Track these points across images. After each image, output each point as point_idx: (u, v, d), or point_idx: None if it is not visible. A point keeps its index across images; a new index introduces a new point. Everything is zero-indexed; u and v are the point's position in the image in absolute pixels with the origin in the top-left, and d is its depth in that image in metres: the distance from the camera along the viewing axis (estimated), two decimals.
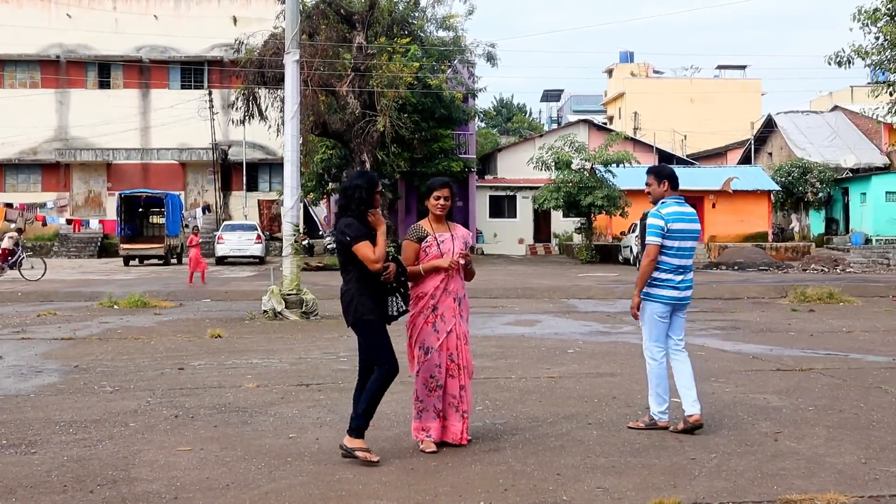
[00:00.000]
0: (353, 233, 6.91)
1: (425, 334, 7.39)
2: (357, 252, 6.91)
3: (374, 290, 7.02)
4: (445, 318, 7.39)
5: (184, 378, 10.81)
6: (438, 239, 7.39)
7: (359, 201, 7.00)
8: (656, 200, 8.23)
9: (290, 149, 19.17)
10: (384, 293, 7.05)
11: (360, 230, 6.93)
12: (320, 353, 13.10)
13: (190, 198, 56.07)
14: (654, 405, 8.10)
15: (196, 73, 56.33)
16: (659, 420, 8.05)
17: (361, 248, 6.90)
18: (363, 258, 6.90)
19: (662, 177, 8.25)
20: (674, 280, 8.01)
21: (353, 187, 7.05)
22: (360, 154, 39.87)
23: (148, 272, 35.97)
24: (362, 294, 7.00)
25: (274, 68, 36.64)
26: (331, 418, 8.47)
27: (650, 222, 8.06)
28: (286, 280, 18.99)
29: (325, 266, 37.44)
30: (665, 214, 8.03)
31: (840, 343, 14.29)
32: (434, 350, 7.36)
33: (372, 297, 7.01)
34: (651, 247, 7.96)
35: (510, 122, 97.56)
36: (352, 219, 6.98)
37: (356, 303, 7.01)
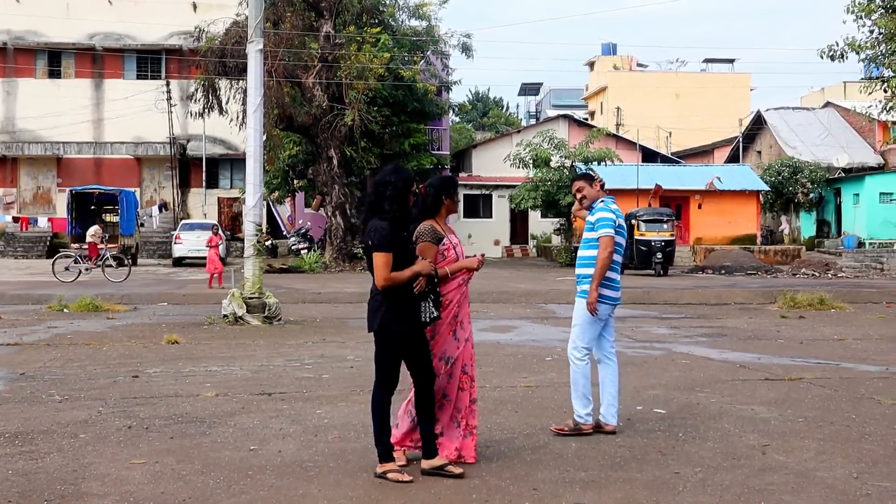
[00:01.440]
0: (378, 240, 6.72)
1: (447, 343, 7.24)
2: (374, 259, 6.73)
3: (404, 296, 6.81)
4: (464, 326, 7.30)
5: (138, 386, 10.75)
6: (451, 241, 7.29)
7: (391, 200, 6.80)
8: (592, 203, 8.45)
9: (252, 143, 19.10)
10: (416, 299, 6.85)
11: (387, 238, 6.72)
12: (284, 360, 13.07)
13: (146, 195, 55.79)
14: (580, 407, 8.27)
15: (153, 62, 56.04)
16: (584, 423, 8.24)
17: (379, 259, 6.70)
18: (376, 268, 6.72)
19: (592, 179, 8.57)
20: (616, 280, 8.36)
21: (384, 184, 6.85)
22: (327, 149, 39.82)
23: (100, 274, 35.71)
24: (392, 301, 6.79)
25: (236, 58, 36.54)
26: (294, 429, 8.44)
27: (601, 216, 8.26)
28: (248, 283, 18.93)
29: (290, 268, 37.36)
30: (614, 210, 8.33)
31: (831, 351, 14.38)
32: (453, 360, 7.23)
33: (401, 305, 6.80)
34: (609, 238, 8.17)
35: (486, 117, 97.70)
36: (384, 224, 6.78)
37: (384, 309, 6.80)
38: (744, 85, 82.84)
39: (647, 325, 18.77)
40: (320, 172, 40.47)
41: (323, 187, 41.04)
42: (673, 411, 9.33)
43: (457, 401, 7.27)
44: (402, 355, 6.91)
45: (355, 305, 23.21)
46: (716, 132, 71.59)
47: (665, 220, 38.01)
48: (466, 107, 67.77)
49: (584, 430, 8.22)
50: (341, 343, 15.23)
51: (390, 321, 6.78)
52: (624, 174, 49.61)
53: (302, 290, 26.57)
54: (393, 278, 6.72)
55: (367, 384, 10.82)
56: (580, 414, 8.25)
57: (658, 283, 31.83)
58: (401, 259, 6.78)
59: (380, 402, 6.90)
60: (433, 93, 47.02)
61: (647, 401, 9.89)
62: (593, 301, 8.14)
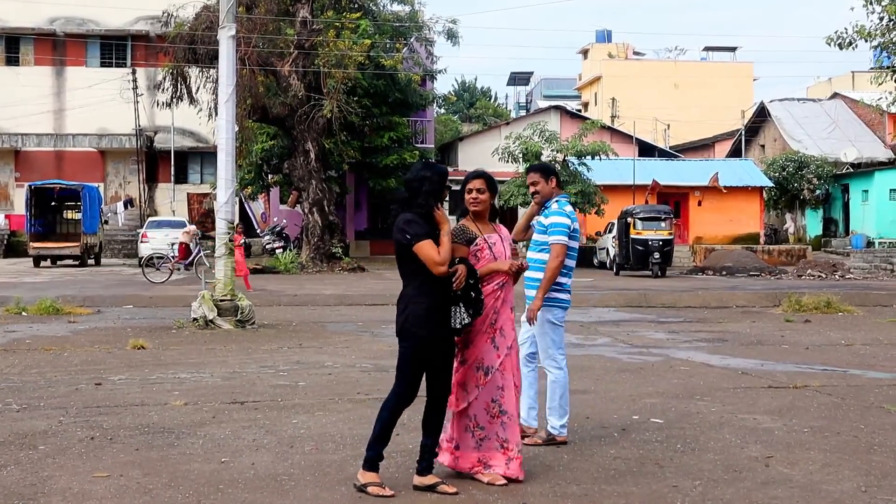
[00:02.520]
0: (414, 230, 6.69)
1: (484, 352, 7.15)
2: (419, 252, 6.67)
3: (435, 298, 6.76)
4: (505, 332, 7.21)
5: (101, 394, 10.72)
6: (489, 241, 7.25)
7: (427, 195, 6.80)
8: (545, 200, 8.46)
9: (224, 136, 19.06)
10: (447, 302, 6.80)
11: (423, 227, 6.70)
12: (257, 366, 13.05)
13: (110, 190, 55.66)
14: (554, 419, 8.33)
15: (118, 48, 55.90)
16: (559, 435, 8.30)
17: (424, 248, 6.66)
18: (426, 259, 6.65)
19: (549, 173, 8.53)
20: (569, 284, 8.48)
21: (420, 179, 6.84)
22: (303, 142, 39.77)
23: (61, 274, 35.64)
24: (419, 302, 6.75)
25: (207, 44, 36.43)
26: (269, 440, 8.43)
27: (556, 221, 8.29)
28: (219, 284, 18.89)
29: (264, 268, 37.31)
30: (569, 213, 8.37)
31: (839, 357, 14.42)
32: (495, 369, 7.15)
33: (429, 308, 6.75)
34: (561, 246, 8.25)
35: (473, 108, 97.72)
36: (411, 214, 6.78)
37: (409, 310, 6.77)
38: (746, 75, 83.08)
39: (643, 330, 18.80)
40: (296, 167, 40.41)
41: (299, 182, 40.96)
42: (671, 421, 9.34)
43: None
44: (427, 362, 6.85)
45: (333, 308, 23.20)
46: (717, 125, 71.78)
47: (663, 217, 38.09)
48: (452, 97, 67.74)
49: (558, 441, 8.30)
50: (319, 348, 15.21)
51: (415, 324, 6.74)
52: (619, 169, 49.70)
53: (277, 292, 26.54)
54: (447, 256, 6.69)
55: (345, 392, 10.84)
56: (554, 425, 8.33)
57: (655, 284, 31.89)
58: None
59: (391, 410, 6.86)
60: (417, 82, 46.99)
61: (643, 410, 9.90)
62: (536, 308, 8.20)
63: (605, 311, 22.62)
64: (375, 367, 12.95)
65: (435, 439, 6.99)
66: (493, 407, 7.16)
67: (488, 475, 7.04)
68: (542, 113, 62.15)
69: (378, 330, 18.11)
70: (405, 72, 44.55)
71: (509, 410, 7.16)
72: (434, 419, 6.96)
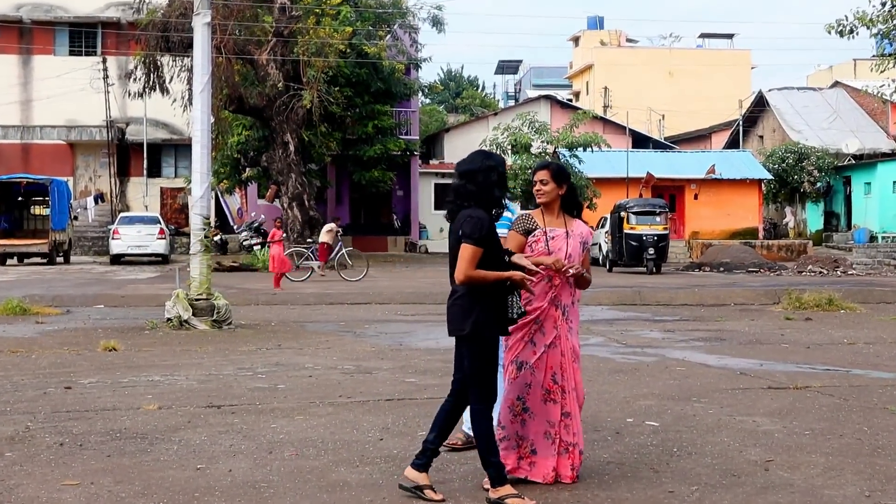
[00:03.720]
0: (469, 228, 6.60)
1: (520, 348, 7.19)
2: (461, 251, 6.59)
3: (495, 296, 6.72)
4: (545, 330, 7.19)
5: (71, 399, 10.69)
6: (549, 234, 7.21)
7: (492, 186, 6.73)
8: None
9: (199, 127, 19.02)
10: (504, 296, 6.77)
11: (481, 230, 6.59)
12: (234, 368, 13.03)
13: (80, 184, 55.50)
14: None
15: (88, 36, 55.73)
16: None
17: (466, 252, 6.57)
18: (460, 259, 6.59)
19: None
20: None
21: (484, 170, 6.75)
22: (282, 134, 39.75)
23: (28, 273, 35.53)
24: (482, 302, 6.68)
25: (181, 32, 36.38)
26: (246, 446, 8.41)
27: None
28: (194, 283, 18.85)
29: (241, 266, 37.27)
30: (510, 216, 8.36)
31: (841, 357, 14.46)
32: (528, 367, 7.16)
33: (493, 306, 6.72)
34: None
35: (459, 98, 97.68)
36: (483, 213, 6.67)
37: (477, 311, 6.68)
38: (744, 63, 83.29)
39: (637, 329, 18.82)
40: (275, 160, 40.39)
41: (278, 176, 40.95)
42: (667, 424, 9.35)
43: (547, 414, 7.20)
44: (496, 358, 6.83)
45: (313, 307, 23.18)
46: (713, 115, 71.94)
47: (657, 212, 38.14)
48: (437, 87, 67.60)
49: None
50: (299, 349, 15.19)
51: (486, 325, 6.69)
52: (612, 161, 49.77)
53: (255, 291, 26.50)
54: (475, 276, 6.60)
55: (326, 395, 10.82)
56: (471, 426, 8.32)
57: (650, 281, 31.94)
58: (489, 258, 6.69)
59: (484, 416, 6.75)
60: (401, 71, 46.95)
61: (638, 412, 9.91)
62: None
63: (597, 310, 22.63)
64: (358, 368, 12.94)
65: (442, 438, 6.94)
66: (517, 405, 7.19)
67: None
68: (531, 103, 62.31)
69: (361, 330, 18.09)
70: (388, 60, 44.50)
71: (532, 408, 7.17)
72: (450, 417, 6.93)
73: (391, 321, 19.64)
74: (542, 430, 7.21)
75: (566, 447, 7.19)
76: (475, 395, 6.80)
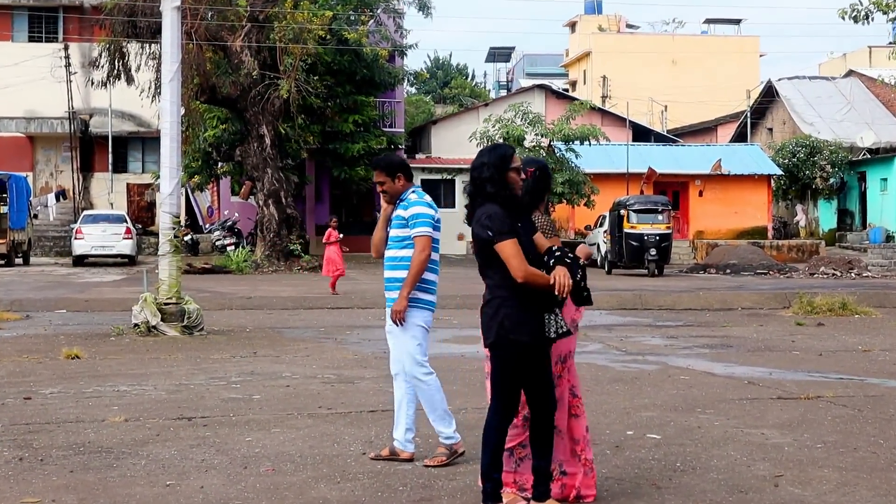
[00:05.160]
0: (498, 226, 6.61)
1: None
2: (501, 252, 6.58)
3: (529, 300, 6.68)
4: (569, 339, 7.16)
5: (31, 410, 10.67)
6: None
7: (492, 182, 6.75)
8: (395, 198, 8.49)
9: (168, 119, 19.00)
10: (542, 307, 6.72)
11: (506, 224, 6.63)
12: (206, 377, 13.02)
13: (40, 180, 55.35)
14: (444, 427, 8.37)
15: (48, 21, 55.59)
16: (455, 442, 8.36)
17: (507, 248, 6.57)
18: (508, 262, 6.56)
19: (395, 169, 8.51)
20: (434, 282, 8.51)
21: (479, 166, 6.83)
22: (257, 126, 39.69)
23: None
24: (514, 305, 6.66)
25: (148, 16, 36.31)
26: (219, 460, 8.41)
27: (418, 211, 8.33)
28: (163, 286, 18.84)
29: (214, 268, 37.22)
30: (430, 203, 8.46)
31: (855, 365, 14.49)
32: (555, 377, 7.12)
33: (525, 310, 6.67)
34: (426, 238, 8.29)
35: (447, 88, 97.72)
36: (497, 207, 6.72)
37: (502, 316, 6.67)
38: (752, 50, 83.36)
39: (638, 335, 18.85)
40: (250, 154, 40.33)
41: (253, 171, 40.89)
42: (669, 436, 9.37)
43: (571, 430, 7.21)
44: (524, 373, 6.77)
45: (292, 312, 23.18)
46: (719, 106, 72.01)
47: (660, 209, 38.19)
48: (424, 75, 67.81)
49: (459, 451, 8.34)
50: (275, 357, 15.19)
51: (511, 330, 6.66)
52: (611, 155, 49.81)
53: (228, 294, 26.48)
54: (534, 275, 6.59)
55: (305, 406, 10.82)
56: (449, 434, 8.36)
57: (652, 284, 31.98)
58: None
59: (496, 429, 6.79)
60: (385, 58, 46.88)
61: (638, 424, 9.93)
62: (402, 310, 8.21)
63: (595, 314, 22.65)
64: (339, 377, 12.94)
65: (548, 460, 6.89)
66: None
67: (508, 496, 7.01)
68: (524, 93, 62.21)
69: (342, 336, 18.10)
70: (371, 46, 44.47)
71: (559, 425, 7.12)
72: (542, 438, 6.87)
73: (374, 327, 19.62)
74: (569, 450, 7.21)
75: (591, 466, 7.23)
76: (492, 407, 6.84)
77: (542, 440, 6.88)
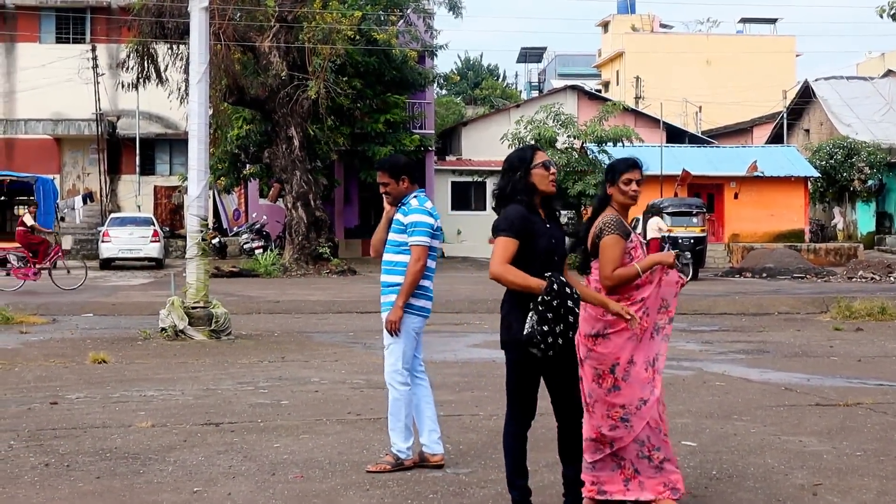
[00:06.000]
0: (503, 223, 6.69)
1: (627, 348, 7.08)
2: (494, 245, 6.66)
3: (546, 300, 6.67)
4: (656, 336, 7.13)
5: (57, 415, 10.70)
6: (640, 240, 7.21)
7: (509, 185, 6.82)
8: (397, 200, 8.52)
9: (196, 121, 19.04)
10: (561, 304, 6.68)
11: (515, 225, 6.65)
12: (234, 382, 13.04)
13: (67, 183, 55.61)
14: (401, 441, 8.36)
15: (76, 22, 55.87)
16: (407, 458, 8.35)
17: (497, 244, 6.65)
18: (492, 253, 6.66)
19: (399, 171, 8.54)
20: (430, 289, 8.53)
21: (501, 172, 6.94)
22: (286, 128, 39.72)
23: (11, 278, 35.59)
24: (519, 310, 6.69)
25: (176, 17, 36.42)
26: (247, 467, 8.41)
27: (417, 220, 8.36)
28: (191, 289, 18.87)
29: (242, 271, 37.29)
30: (431, 210, 8.48)
31: (895, 371, 14.40)
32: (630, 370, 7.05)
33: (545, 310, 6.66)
34: (423, 248, 8.32)
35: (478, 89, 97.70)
36: (519, 208, 6.74)
37: (512, 319, 6.74)
38: (788, 50, 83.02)
39: (673, 340, 18.65)
40: (278, 156, 40.39)
41: (281, 173, 40.94)
42: (705, 444, 9.32)
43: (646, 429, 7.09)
44: (538, 377, 6.80)
45: (320, 317, 23.19)
46: (755, 107, 71.74)
47: (694, 212, 38.07)
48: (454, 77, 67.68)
49: (406, 465, 8.33)
50: (304, 362, 15.20)
51: (519, 331, 6.67)
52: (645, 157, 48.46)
53: (256, 298, 26.53)
54: (507, 274, 6.60)
55: (334, 412, 10.82)
56: (401, 448, 8.35)
57: (686, 288, 31.75)
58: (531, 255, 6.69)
59: (512, 436, 6.82)
60: (414, 59, 46.89)
61: (673, 431, 9.85)
62: (397, 319, 8.23)
63: None
64: (368, 383, 12.93)
65: (577, 468, 6.91)
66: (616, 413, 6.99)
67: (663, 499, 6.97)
68: (556, 94, 62.18)
69: (371, 341, 18.08)
70: (401, 48, 44.48)
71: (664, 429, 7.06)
72: (571, 444, 6.91)
73: None
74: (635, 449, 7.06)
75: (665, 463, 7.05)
76: (508, 413, 6.84)
77: (569, 447, 6.92)
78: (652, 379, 7.00)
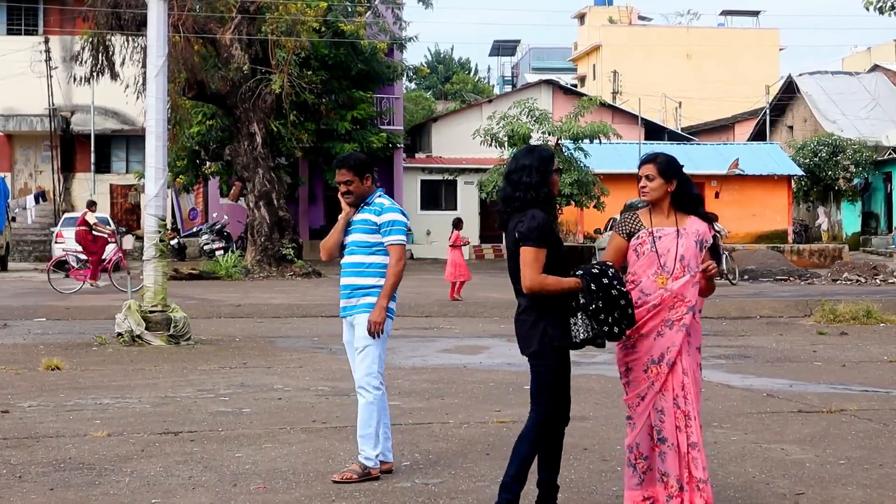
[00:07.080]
0: (527, 230, 6.74)
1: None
2: (522, 254, 6.73)
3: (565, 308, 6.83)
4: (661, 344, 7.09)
5: (9, 424, 10.68)
6: (655, 234, 7.14)
7: (527, 187, 6.86)
8: (360, 200, 8.55)
9: (154, 116, 19.00)
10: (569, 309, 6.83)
11: (541, 230, 6.73)
12: (193, 390, 13.02)
13: (18, 181, 55.38)
14: (369, 449, 8.40)
15: (28, 13, 55.63)
16: (374, 467, 8.39)
17: (528, 254, 6.71)
18: (524, 265, 6.71)
19: (364, 169, 8.59)
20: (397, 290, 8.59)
21: (518, 170, 6.93)
22: (248, 124, 39.64)
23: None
24: (550, 313, 6.82)
25: (133, 8, 36.33)
26: (208, 478, 8.41)
27: (392, 218, 8.44)
28: (148, 292, 18.83)
29: (202, 273, 37.17)
30: (402, 209, 8.59)
31: (880, 376, 14.49)
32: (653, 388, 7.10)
33: (566, 317, 6.83)
34: (402, 248, 8.46)
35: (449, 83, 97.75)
36: (541, 213, 6.81)
37: (544, 324, 6.83)
38: (771, 44, 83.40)
39: None
40: (240, 153, 40.30)
41: (243, 171, 40.84)
42: None
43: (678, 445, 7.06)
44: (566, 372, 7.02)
45: (284, 321, 23.16)
46: (737, 102, 72.02)
47: None
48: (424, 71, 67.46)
49: (374, 475, 8.36)
50: (267, 368, 15.20)
51: (557, 337, 6.80)
52: (622, 154, 49.75)
53: (217, 302, 26.48)
54: (546, 283, 6.71)
55: (298, 420, 10.82)
56: (370, 455, 8.39)
57: None
58: (554, 260, 6.80)
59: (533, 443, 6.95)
60: (383, 52, 46.90)
61: None
62: (382, 321, 8.31)
63: None
64: (333, 390, 12.94)
65: (553, 473, 7.06)
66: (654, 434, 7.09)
67: None
68: (530, 88, 62.23)
69: (336, 346, 18.03)
70: (368, 40, 44.47)
71: (669, 438, 7.03)
72: (556, 449, 7.06)
73: None
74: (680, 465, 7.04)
75: (697, 484, 6.98)
76: (533, 419, 6.94)
77: (551, 451, 7.04)
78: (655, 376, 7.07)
